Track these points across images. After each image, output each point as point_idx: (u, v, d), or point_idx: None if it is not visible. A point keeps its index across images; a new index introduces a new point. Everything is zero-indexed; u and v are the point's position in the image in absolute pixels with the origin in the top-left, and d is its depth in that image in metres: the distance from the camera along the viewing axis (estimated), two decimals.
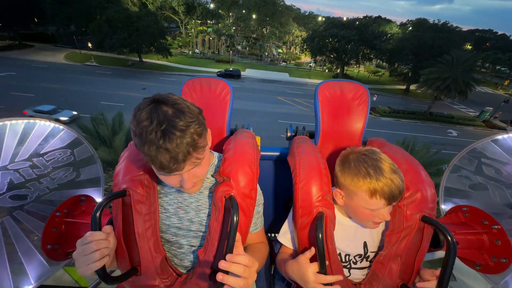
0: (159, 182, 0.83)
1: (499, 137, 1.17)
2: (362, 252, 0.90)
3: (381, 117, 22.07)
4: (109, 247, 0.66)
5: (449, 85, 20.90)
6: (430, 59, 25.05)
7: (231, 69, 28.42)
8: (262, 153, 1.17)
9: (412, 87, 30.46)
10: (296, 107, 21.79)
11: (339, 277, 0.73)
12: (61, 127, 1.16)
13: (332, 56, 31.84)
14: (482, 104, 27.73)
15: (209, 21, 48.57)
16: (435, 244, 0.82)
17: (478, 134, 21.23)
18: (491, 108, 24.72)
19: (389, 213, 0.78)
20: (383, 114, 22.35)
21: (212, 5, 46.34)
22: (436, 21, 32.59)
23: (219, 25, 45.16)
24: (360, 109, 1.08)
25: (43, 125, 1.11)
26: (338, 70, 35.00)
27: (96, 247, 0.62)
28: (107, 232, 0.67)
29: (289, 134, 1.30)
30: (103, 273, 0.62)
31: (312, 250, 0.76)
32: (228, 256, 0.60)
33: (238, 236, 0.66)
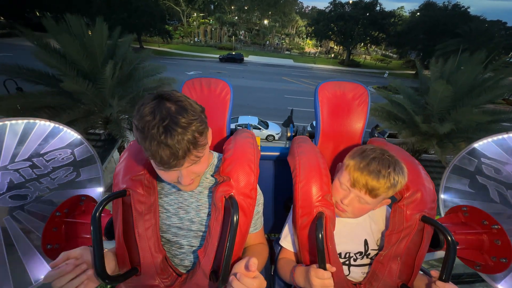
0: (160, 182, 0.83)
1: (499, 137, 1.17)
2: (362, 249, 0.89)
3: (394, 95, 21.62)
4: (85, 270, 0.61)
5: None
6: (442, 38, 24.42)
7: (233, 53, 27.62)
8: (262, 153, 1.17)
9: (424, 72, 30.02)
10: (301, 85, 21.65)
11: (333, 268, 0.73)
12: (61, 127, 1.16)
13: (338, 39, 31.09)
14: None
15: (209, 18, 48.39)
16: (435, 244, 0.82)
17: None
18: None
19: (354, 202, 0.79)
20: (396, 92, 21.69)
21: None
22: (446, 3, 30.78)
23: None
24: (360, 109, 1.08)
25: (43, 125, 1.11)
26: (344, 58, 34.42)
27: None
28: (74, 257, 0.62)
29: (289, 134, 1.30)
30: (102, 273, 0.62)
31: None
32: (239, 275, 0.62)
33: (254, 262, 0.64)
